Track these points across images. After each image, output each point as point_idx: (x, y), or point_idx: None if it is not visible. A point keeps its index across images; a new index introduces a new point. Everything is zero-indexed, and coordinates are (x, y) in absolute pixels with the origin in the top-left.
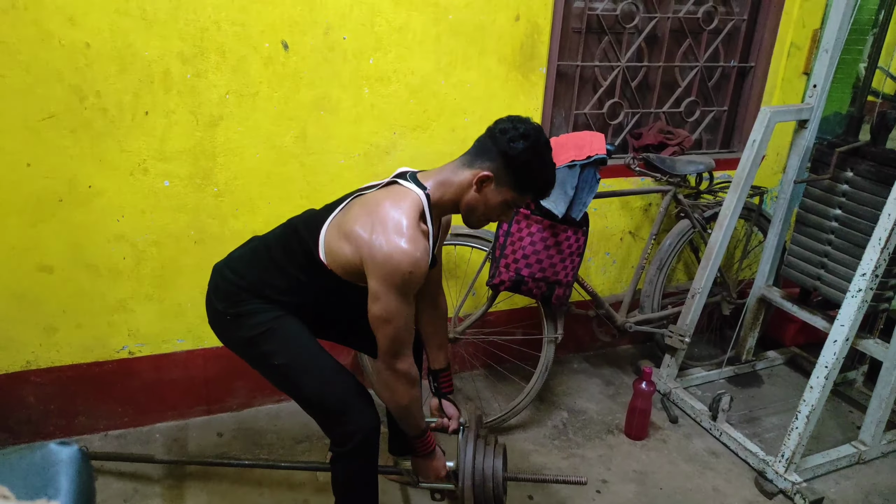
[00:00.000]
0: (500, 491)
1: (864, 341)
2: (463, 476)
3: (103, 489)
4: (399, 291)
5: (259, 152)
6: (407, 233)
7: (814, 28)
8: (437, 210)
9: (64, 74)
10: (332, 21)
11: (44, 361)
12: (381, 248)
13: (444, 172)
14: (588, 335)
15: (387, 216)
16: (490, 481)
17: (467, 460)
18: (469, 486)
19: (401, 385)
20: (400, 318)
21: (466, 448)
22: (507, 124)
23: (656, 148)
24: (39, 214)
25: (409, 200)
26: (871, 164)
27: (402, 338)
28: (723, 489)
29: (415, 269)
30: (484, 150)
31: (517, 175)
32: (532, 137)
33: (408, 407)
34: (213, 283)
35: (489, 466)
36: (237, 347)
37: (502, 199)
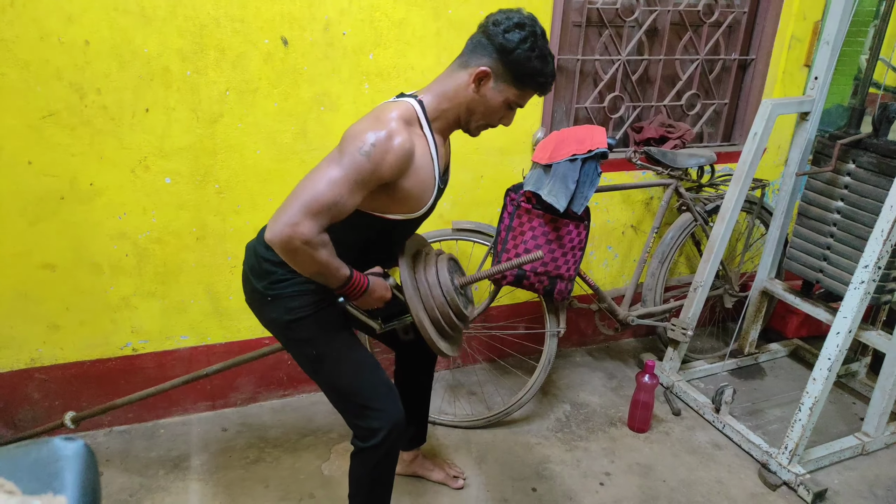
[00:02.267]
0: (453, 295)
1: (867, 333)
2: (405, 285)
3: (109, 484)
4: (349, 160)
5: (260, 149)
6: (386, 122)
7: (815, 20)
8: (439, 122)
9: (64, 72)
10: (332, 16)
11: (48, 359)
12: (353, 128)
13: (439, 81)
14: (590, 329)
15: (370, 114)
16: (437, 286)
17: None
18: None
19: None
20: (330, 186)
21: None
22: (500, 16)
23: (657, 141)
24: (41, 213)
25: (398, 106)
26: (872, 156)
27: (319, 203)
28: (726, 481)
29: (378, 144)
30: (478, 47)
31: (516, 68)
32: (528, 26)
33: (319, 272)
34: (249, 264)
35: (432, 272)
36: (273, 328)
37: (503, 98)
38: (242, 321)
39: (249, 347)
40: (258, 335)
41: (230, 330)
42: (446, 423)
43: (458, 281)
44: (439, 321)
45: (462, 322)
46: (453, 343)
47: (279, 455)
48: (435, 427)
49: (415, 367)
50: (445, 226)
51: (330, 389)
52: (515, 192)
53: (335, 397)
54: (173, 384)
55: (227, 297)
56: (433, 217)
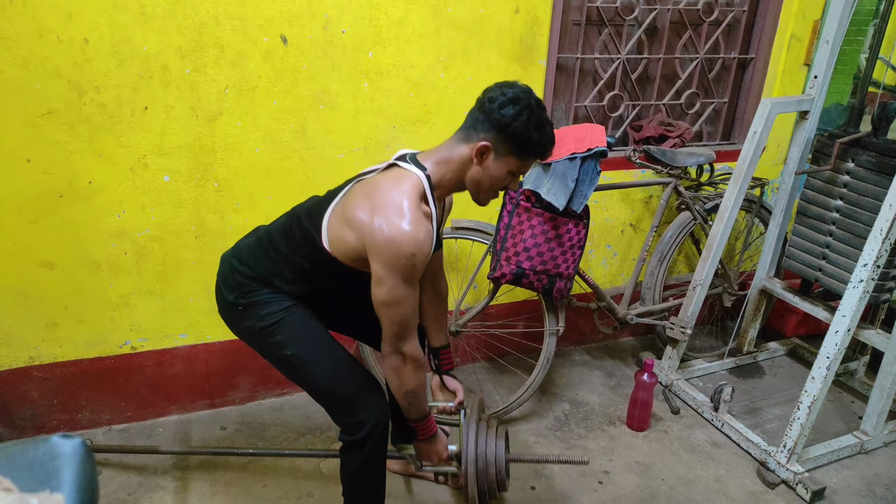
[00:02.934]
0: (503, 474)
1: (866, 332)
2: (466, 459)
3: (108, 482)
4: (403, 275)
5: (259, 147)
6: (408, 215)
7: (814, 19)
8: (440, 190)
9: (62, 70)
10: (332, 14)
11: (46, 357)
12: (383, 232)
13: (441, 151)
14: (589, 327)
15: (387, 199)
16: (493, 466)
17: (469, 443)
18: (472, 470)
19: (408, 368)
20: (405, 302)
21: (469, 430)
22: (495, 92)
23: (657, 140)
24: (40, 211)
25: (409, 182)
26: (872, 155)
27: (407, 321)
28: (725, 480)
29: (417, 251)
30: (477, 122)
31: (515, 141)
32: (523, 101)
33: (414, 391)
34: (222, 274)
35: (491, 449)
36: (248, 337)
37: (506, 169)
38: None
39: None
40: None
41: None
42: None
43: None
44: (485, 493)
45: (501, 491)
46: None
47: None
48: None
49: None
50: (445, 224)
51: (312, 389)
52: (515, 190)
53: (318, 395)
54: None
55: None
56: None
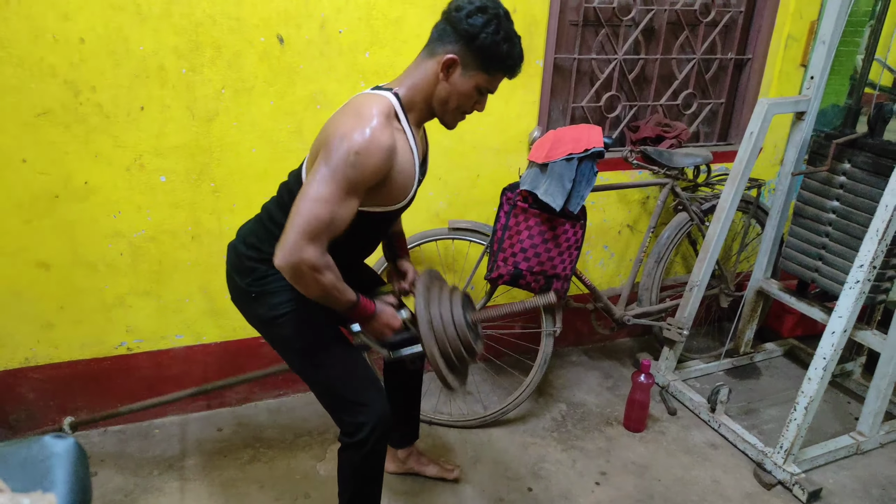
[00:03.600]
0: (465, 330)
1: (862, 332)
2: (420, 319)
3: (104, 483)
4: (338, 172)
5: (255, 147)
6: (374, 121)
7: (811, 20)
8: (413, 113)
9: (58, 70)
10: (328, 14)
11: (42, 358)
12: (337, 129)
13: (408, 72)
14: (586, 328)
15: (350, 108)
16: (451, 324)
17: (419, 303)
18: (426, 329)
19: (307, 274)
20: (327, 204)
21: (418, 293)
22: (461, 1)
23: (654, 141)
24: (36, 211)
25: (377, 101)
26: (868, 156)
27: (320, 225)
28: (722, 481)
29: (363, 151)
30: (443, 35)
31: (483, 53)
32: (491, 10)
33: (324, 295)
34: (231, 262)
35: (446, 307)
36: (258, 325)
37: (474, 84)
38: (238, 320)
39: (245, 346)
40: (253, 334)
41: (225, 329)
42: (442, 422)
43: (470, 317)
44: (450, 356)
45: (471, 357)
46: (460, 376)
47: (274, 455)
48: (431, 427)
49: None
50: (442, 225)
51: (315, 385)
52: (512, 191)
53: (321, 393)
54: (178, 396)
55: (223, 296)
56: (430, 216)
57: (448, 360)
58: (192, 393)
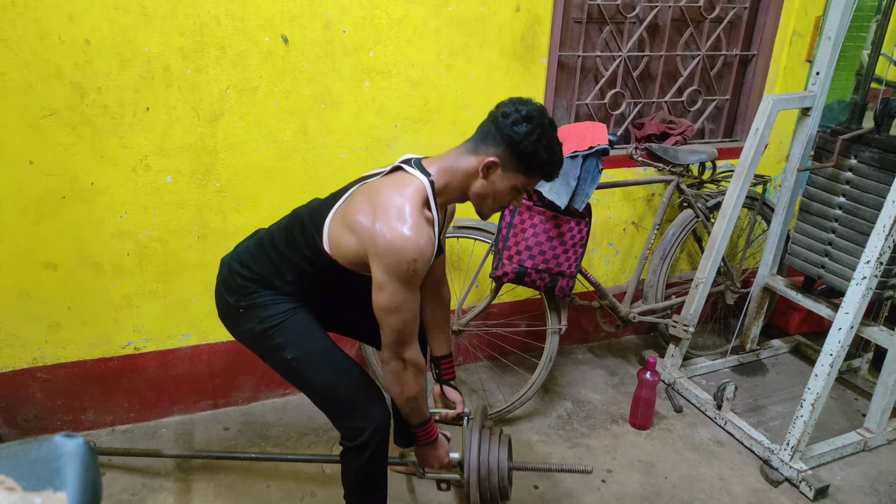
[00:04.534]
0: (506, 482)
1: (869, 329)
2: (468, 467)
3: (111, 484)
4: (403, 280)
5: (260, 147)
6: (410, 220)
7: (816, 15)
8: (443, 197)
9: (64, 71)
10: (332, 14)
11: (50, 358)
12: (384, 237)
13: (448, 159)
14: (592, 326)
15: (389, 203)
16: (495, 473)
17: (472, 451)
18: (475, 478)
19: (408, 374)
20: (405, 308)
21: (471, 438)
22: (509, 108)
23: (659, 138)
24: (43, 212)
25: (412, 187)
26: (874, 152)
27: (408, 327)
28: (728, 478)
29: (419, 257)
30: (488, 136)
31: (523, 159)
32: (536, 119)
33: (415, 397)
34: (222, 277)
35: (494, 457)
36: (248, 341)
37: (511, 185)
38: None
39: None
40: None
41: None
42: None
43: (510, 465)
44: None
45: (503, 500)
46: None
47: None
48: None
49: None
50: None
51: (312, 393)
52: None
53: (318, 400)
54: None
55: None
56: None
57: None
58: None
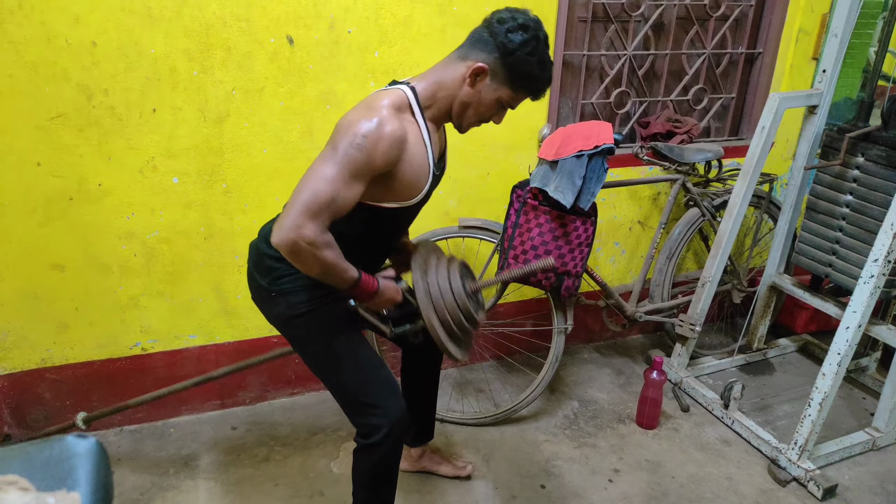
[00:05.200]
0: (464, 299)
1: (877, 327)
2: (417, 289)
3: (121, 483)
4: (343, 155)
5: (266, 148)
6: (377, 109)
7: (822, 12)
8: (431, 111)
9: (71, 73)
10: (337, 15)
11: (58, 359)
12: (346, 118)
13: (435, 69)
14: (598, 325)
15: (362, 103)
16: (448, 292)
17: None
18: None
19: (304, 251)
20: (328, 184)
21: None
22: (505, 14)
23: (664, 136)
24: (50, 213)
25: (390, 93)
26: (882, 150)
27: (319, 203)
28: (736, 477)
29: (370, 135)
30: (480, 42)
31: (513, 70)
32: (532, 29)
33: (325, 272)
34: (253, 260)
35: (444, 276)
36: (278, 324)
37: (496, 97)
38: (251, 320)
39: (258, 346)
40: (266, 334)
41: (238, 329)
42: (454, 420)
43: (469, 286)
44: (450, 325)
45: (472, 326)
46: (463, 346)
47: (288, 453)
48: (443, 425)
49: (422, 365)
50: (452, 223)
51: (332, 386)
52: (522, 188)
53: (338, 394)
54: (184, 385)
55: (236, 296)
56: (440, 214)
57: (448, 329)
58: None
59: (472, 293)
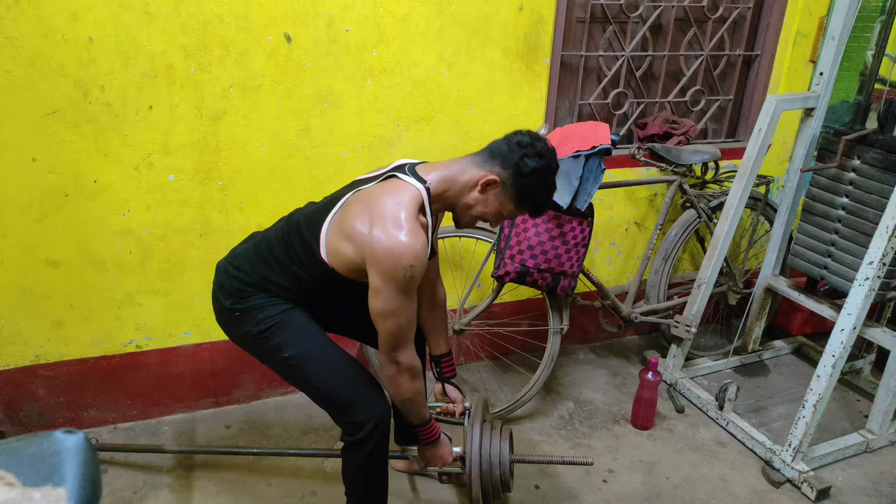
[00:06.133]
0: (507, 475)
1: (872, 330)
2: (470, 461)
3: (113, 481)
4: (400, 286)
5: (263, 146)
6: (406, 226)
7: (820, 15)
8: (438, 204)
9: (68, 69)
10: (335, 13)
11: (52, 356)
12: (382, 243)
13: (451, 168)
14: (594, 326)
15: (385, 210)
16: (497, 467)
17: (474, 445)
18: (476, 472)
19: (404, 378)
20: (402, 313)
21: (472, 432)
22: (526, 138)
23: (661, 138)
24: (46, 209)
25: (407, 194)
26: (878, 153)
27: (403, 332)
28: (730, 478)
29: (415, 262)
30: (498, 156)
31: (522, 190)
32: (546, 158)
33: (412, 399)
34: (219, 281)
35: (496, 450)
36: (246, 343)
37: (499, 209)
38: None
39: None
40: None
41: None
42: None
43: (511, 457)
44: (488, 491)
45: (504, 491)
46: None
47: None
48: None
49: None
50: (449, 223)
51: (311, 390)
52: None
53: (318, 397)
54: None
55: None
56: None
57: (486, 498)
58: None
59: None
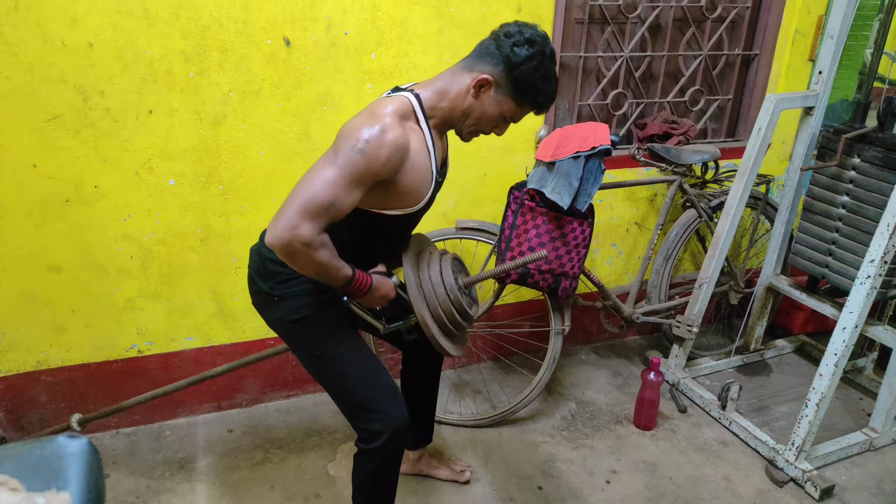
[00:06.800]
0: (457, 293)
1: (874, 328)
2: (408, 283)
3: (116, 486)
4: (345, 159)
5: (263, 149)
6: (381, 117)
7: (818, 14)
8: (435, 119)
9: (67, 75)
10: (334, 16)
11: (54, 361)
12: (348, 125)
13: (441, 78)
14: (595, 326)
15: (366, 109)
16: (440, 284)
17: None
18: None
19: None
20: (328, 186)
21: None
22: (512, 28)
23: (661, 138)
24: (46, 215)
25: (394, 100)
26: (878, 151)
27: (319, 205)
28: (733, 478)
29: (372, 141)
30: (486, 54)
31: (518, 83)
32: (538, 44)
33: (319, 272)
34: (254, 265)
35: (435, 270)
36: (279, 329)
37: (499, 110)
38: (247, 322)
39: (254, 348)
40: (263, 336)
41: (235, 331)
42: (452, 422)
43: (462, 280)
44: (443, 320)
45: (466, 321)
46: (457, 342)
47: (285, 456)
48: (440, 426)
49: (421, 367)
50: (449, 225)
51: (333, 391)
52: (519, 189)
53: (338, 399)
54: (179, 385)
55: (232, 297)
56: (437, 216)
57: (441, 324)
58: (197, 379)
59: (464, 287)
